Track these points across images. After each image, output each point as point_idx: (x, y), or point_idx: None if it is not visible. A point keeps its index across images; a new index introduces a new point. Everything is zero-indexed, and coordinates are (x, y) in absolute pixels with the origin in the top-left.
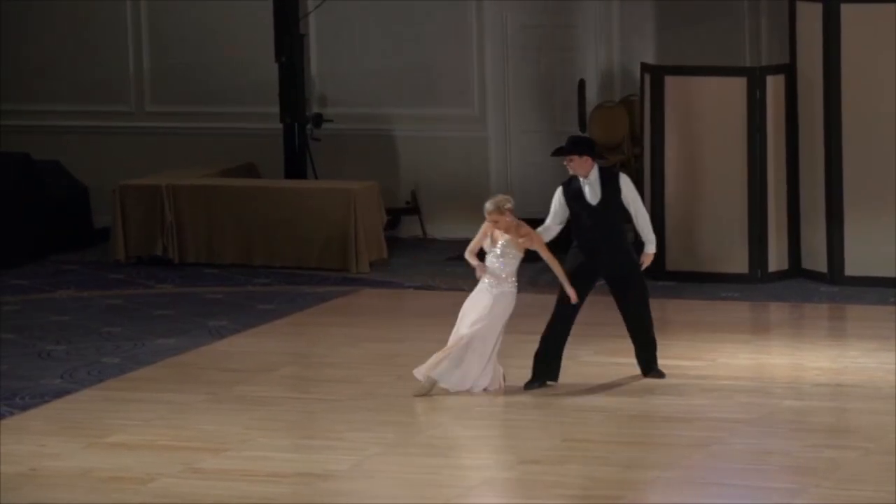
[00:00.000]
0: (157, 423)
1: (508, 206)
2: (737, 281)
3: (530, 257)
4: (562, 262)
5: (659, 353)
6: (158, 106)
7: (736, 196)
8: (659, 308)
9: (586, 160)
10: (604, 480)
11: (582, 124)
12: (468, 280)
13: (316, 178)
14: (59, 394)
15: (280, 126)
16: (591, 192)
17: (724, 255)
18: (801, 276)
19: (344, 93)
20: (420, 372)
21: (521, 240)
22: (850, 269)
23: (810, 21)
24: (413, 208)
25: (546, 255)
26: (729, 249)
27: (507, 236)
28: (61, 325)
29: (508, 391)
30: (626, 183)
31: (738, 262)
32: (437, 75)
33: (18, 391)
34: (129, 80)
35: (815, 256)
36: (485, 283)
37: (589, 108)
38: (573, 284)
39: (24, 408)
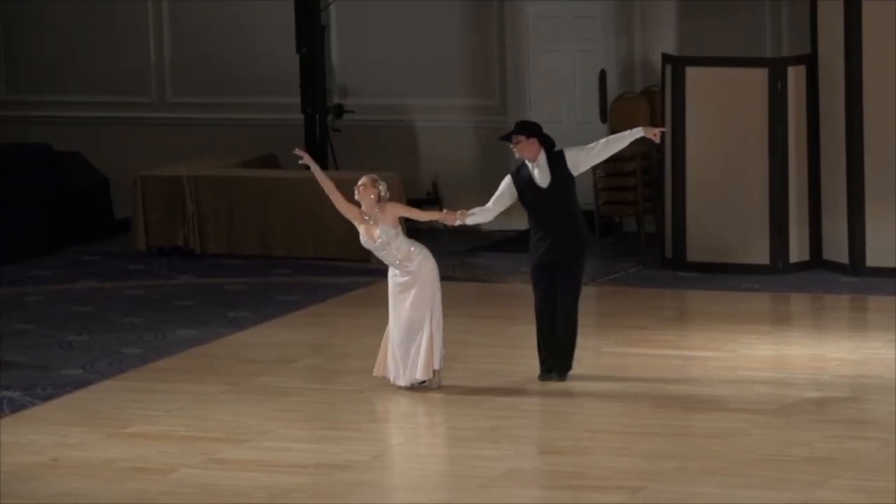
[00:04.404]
0: (178, 414)
1: (382, 186)
2: (758, 272)
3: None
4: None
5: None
6: (179, 97)
7: (757, 187)
8: (680, 299)
9: (533, 143)
10: (625, 471)
11: (603, 115)
12: (489, 271)
13: (337, 168)
14: (80, 384)
15: (301, 117)
16: (541, 175)
17: (745, 245)
18: (822, 267)
19: (365, 84)
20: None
21: (388, 208)
22: (872, 259)
23: (832, 11)
24: (434, 199)
25: (410, 213)
26: (750, 240)
27: (382, 224)
28: (82, 315)
29: (528, 382)
30: (569, 153)
31: (760, 253)
32: (457, 66)
33: (40, 381)
34: (150, 71)
35: (837, 247)
36: (395, 274)
37: (609, 98)
38: (537, 285)
39: (46, 398)
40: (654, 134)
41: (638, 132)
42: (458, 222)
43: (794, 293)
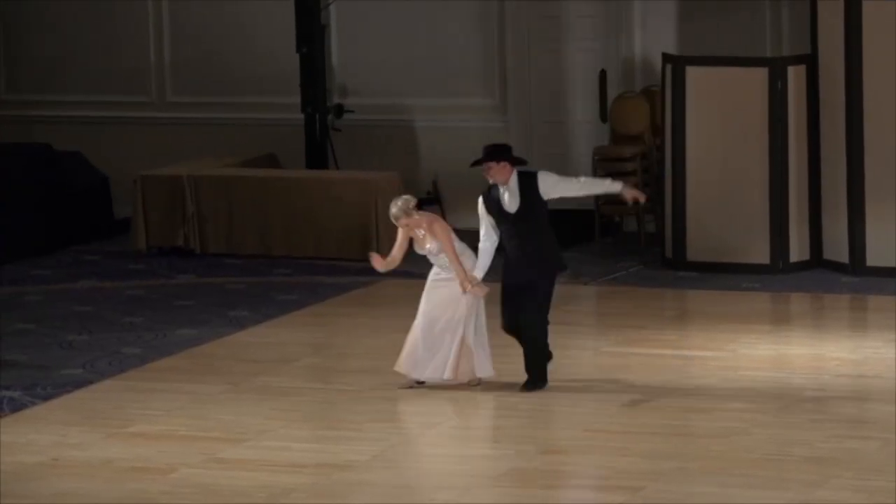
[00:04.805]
0: (178, 414)
1: (413, 204)
2: (758, 271)
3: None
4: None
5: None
6: (180, 96)
7: (757, 186)
8: (680, 299)
9: (504, 167)
10: (625, 471)
11: (603, 115)
12: (489, 271)
13: (337, 168)
14: (81, 384)
15: (301, 116)
16: (510, 199)
17: (745, 245)
18: (822, 267)
19: (365, 83)
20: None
21: (437, 230)
22: (872, 259)
23: (832, 11)
24: (434, 198)
25: (447, 251)
26: (750, 240)
27: (431, 239)
28: (82, 315)
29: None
30: (543, 177)
31: (760, 253)
32: (458, 65)
33: (40, 381)
34: (150, 71)
35: (837, 247)
36: (441, 276)
37: (610, 98)
38: (501, 306)
39: (46, 398)
40: (631, 197)
41: (616, 187)
42: (469, 289)
43: (794, 293)
